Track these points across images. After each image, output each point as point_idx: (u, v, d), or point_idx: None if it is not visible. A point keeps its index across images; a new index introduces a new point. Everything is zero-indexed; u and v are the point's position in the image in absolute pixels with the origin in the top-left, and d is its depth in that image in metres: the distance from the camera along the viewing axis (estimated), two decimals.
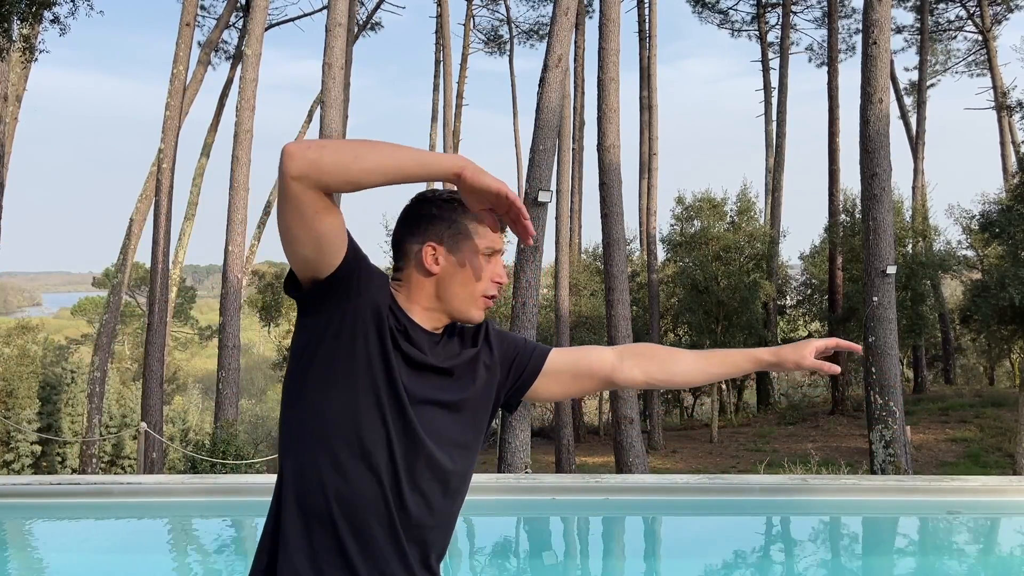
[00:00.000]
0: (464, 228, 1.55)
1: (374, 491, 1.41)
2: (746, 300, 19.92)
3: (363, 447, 1.41)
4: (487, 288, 1.53)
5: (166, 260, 16.23)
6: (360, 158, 1.27)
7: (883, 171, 12.40)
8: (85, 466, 16.50)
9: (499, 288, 1.55)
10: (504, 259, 1.67)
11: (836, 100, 22.40)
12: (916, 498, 5.35)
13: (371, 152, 1.29)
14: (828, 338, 1.69)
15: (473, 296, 1.53)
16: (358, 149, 1.28)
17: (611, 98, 14.09)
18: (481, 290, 1.53)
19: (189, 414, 22.92)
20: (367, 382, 1.40)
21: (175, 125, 16.37)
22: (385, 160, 1.29)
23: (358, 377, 1.40)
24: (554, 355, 1.68)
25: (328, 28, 13.53)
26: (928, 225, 22.58)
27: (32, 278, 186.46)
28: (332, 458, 1.41)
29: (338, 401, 1.40)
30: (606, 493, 5.31)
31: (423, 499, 1.46)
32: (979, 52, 28.23)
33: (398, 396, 1.42)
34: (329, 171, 1.26)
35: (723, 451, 18.14)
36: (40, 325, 29.51)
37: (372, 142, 1.30)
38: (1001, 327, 14.92)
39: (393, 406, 1.42)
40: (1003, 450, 15.42)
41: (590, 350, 1.70)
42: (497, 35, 31.93)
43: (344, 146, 1.28)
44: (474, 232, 1.56)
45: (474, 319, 1.54)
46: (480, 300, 1.53)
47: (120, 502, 5.32)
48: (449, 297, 1.52)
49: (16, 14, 9.96)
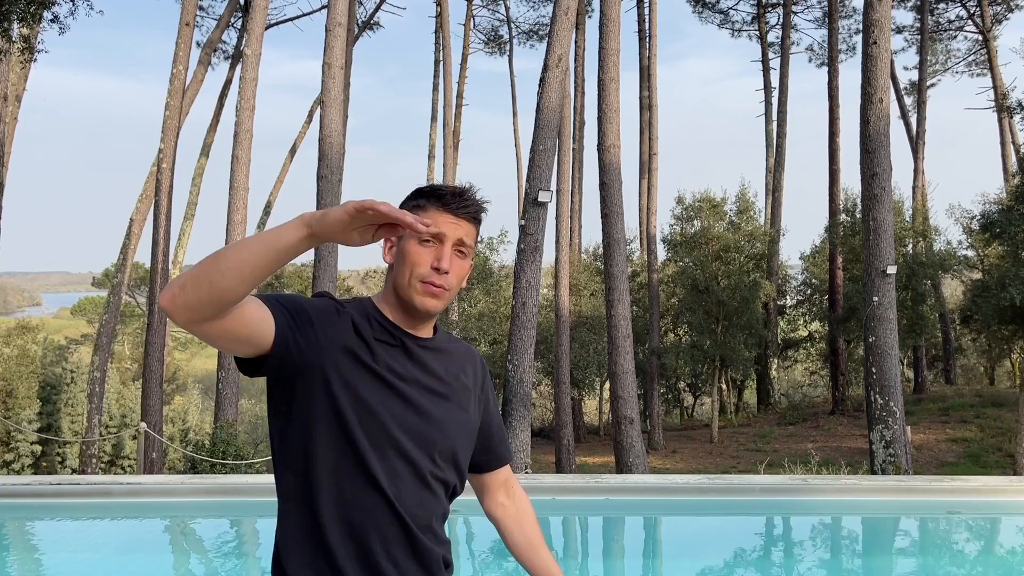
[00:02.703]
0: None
1: (374, 500, 1.50)
2: (746, 300, 19.92)
3: (362, 472, 1.49)
4: (426, 274, 1.52)
5: (166, 260, 16.22)
6: (215, 281, 1.26)
7: (883, 171, 12.39)
8: (85, 466, 16.48)
9: (440, 275, 1.52)
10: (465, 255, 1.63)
11: (836, 100, 22.39)
12: (916, 498, 5.35)
13: (219, 265, 1.26)
14: None
15: (410, 281, 1.53)
16: (208, 271, 1.26)
17: (611, 98, 14.08)
18: (418, 275, 1.52)
19: (189, 414, 22.92)
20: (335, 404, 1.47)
21: (175, 125, 16.35)
22: (236, 265, 1.26)
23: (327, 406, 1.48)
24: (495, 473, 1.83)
25: (328, 28, 13.52)
26: (928, 225, 22.58)
27: (32, 278, 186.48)
28: (332, 488, 1.51)
29: (320, 443, 1.50)
30: (606, 493, 5.30)
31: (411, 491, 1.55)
32: (979, 52, 28.22)
33: (359, 400, 1.49)
34: (201, 307, 1.27)
35: (723, 451, 18.13)
36: (40, 325, 29.51)
37: (217, 253, 1.29)
38: (1001, 327, 14.92)
39: (356, 411, 1.49)
40: (1003, 450, 15.41)
41: (499, 476, 1.83)
42: (497, 35, 31.93)
43: (197, 276, 1.27)
44: None
45: (418, 305, 1.53)
46: (417, 285, 1.53)
47: (120, 502, 5.33)
48: (395, 285, 1.57)
49: (16, 14, 9.94)
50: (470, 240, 1.59)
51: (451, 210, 1.55)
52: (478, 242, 1.74)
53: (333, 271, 13.07)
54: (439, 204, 1.56)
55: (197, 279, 1.26)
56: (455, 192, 1.58)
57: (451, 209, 1.55)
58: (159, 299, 1.31)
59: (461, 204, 1.56)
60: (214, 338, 1.34)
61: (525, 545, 1.77)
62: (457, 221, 1.55)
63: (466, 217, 1.57)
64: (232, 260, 1.26)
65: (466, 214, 1.56)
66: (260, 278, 1.29)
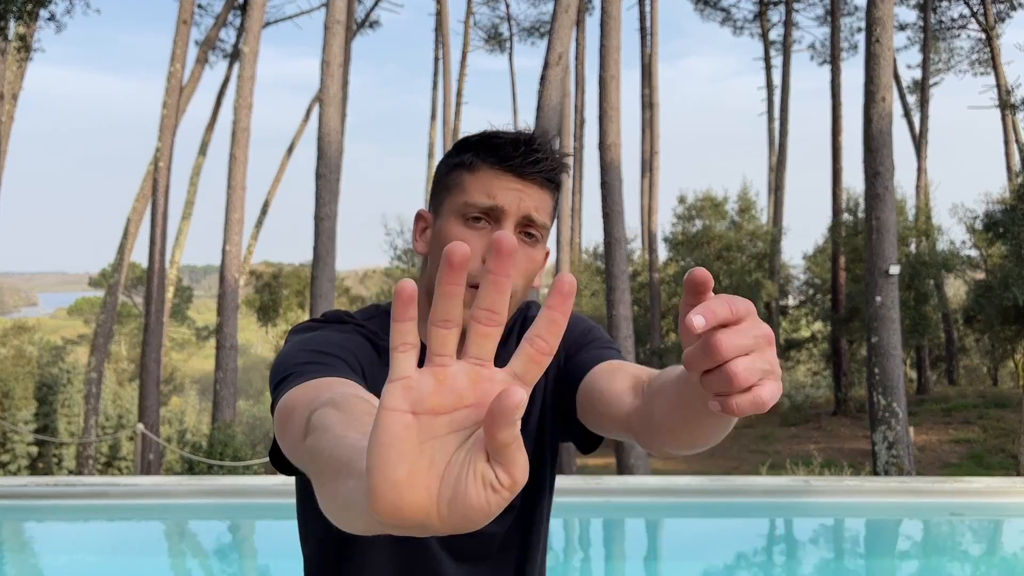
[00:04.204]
0: (450, 178, 1.09)
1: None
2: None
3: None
4: (473, 271, 0.99)
5: (163, 260, 16.16)
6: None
7: (886, 170, 12.33)
8: (82, 467, 16.44)
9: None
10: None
11: (839, 98, 22.33)
12: (919, 500, 5.32)
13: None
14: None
15: None
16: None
17: (612, 96, 14.02)
18: None
19: (186, 415, 22.88)
20: None
21: (172, 124, 16.30)
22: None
23: None
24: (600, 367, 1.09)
25: (326, 26, 13.48)
26: (931, 224, 22.51)
27: (28, 278, 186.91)
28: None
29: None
30: (607, 495, 5.26)
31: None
32: (982, 50, 28.16)
33: None
34: None
35: (725, 452, 18.09)
36: (36, 325, 29.55)
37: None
38: (1005, 327, 14.88)
39: None
40: (1007, 451, 15.34)
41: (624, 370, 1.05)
42: (497, 33, 31.89)
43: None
44: (457, 183, 1.07)
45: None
46: None
47: (117, 503, 5.31)
48: (429, 289, 1.08)
49: (12, 12, 9.89)
50: (543, 216, 1.07)
51: (513, 169, 1.05)
52: (555, 218, 1.14)
53: (332, 271, 13.02)
54: (495, 161, 1.05)
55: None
56: (519, 140, 1.06)
57: (513, 167, 1.04)
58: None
59: (529, 160, 1.05)
60: None
61: (661, 386, 0.91)
62: (523, 186, 1.05)
63: (537, 179, 1.06)
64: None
65: (537, 174, 1.05)
66: None
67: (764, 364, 0.64)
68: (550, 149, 1.08)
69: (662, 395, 0.87)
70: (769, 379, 0.65)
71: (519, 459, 0.48)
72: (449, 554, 1.14)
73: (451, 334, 0.51)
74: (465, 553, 1.15)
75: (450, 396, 0.50)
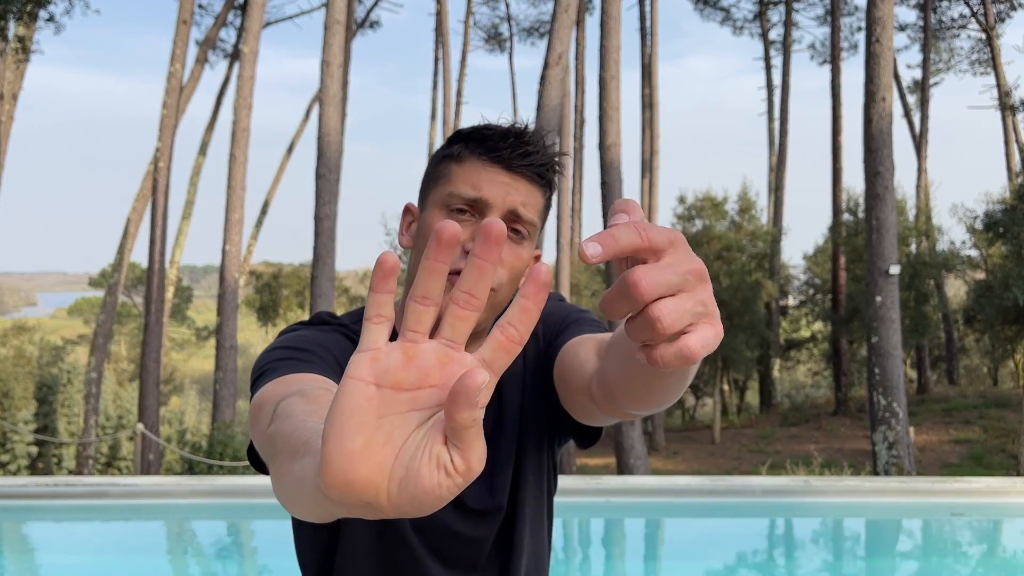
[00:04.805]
0: (438, 169, 1.07)
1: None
2: (748, 300, 19.86)
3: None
4: (458, 263, 0.97)
5: (163, 260, 16.15)
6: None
7: (886, 170, 12.32)
8: (81, 467, 16.44)
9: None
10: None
11: (839, 98, 22.32)
12: (919, 500, 5.31)
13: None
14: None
15: None
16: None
17: (612, 96, 14.01)
18: None
19: (186, 415, 22.90)
20: None
21: (172, 124, 16.28)
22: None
23: None
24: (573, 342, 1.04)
25: (326, 26, 13.47)
26: (932, 224, 22.50)
27: (28, 278, 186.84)
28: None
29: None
30: (607, 495, 5.25)
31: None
32: (982, 50, 28.15)
33: None
34: None
35: (725, 452, 18.08)
36: (36, 325, 29.53)
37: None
38: (1005, 327, 14.87)
39: None
40: (1007, 451, 15.33)
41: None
42: (497, 32, 31.88)
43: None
44: (444, 174, 1.05)
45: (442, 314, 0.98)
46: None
47: (117, 504, 5.32)
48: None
49: (12, 13, 9.89)
50: (531, 212, 1.02)
51: (501, 161, 1.02)
52: (545, 219, 1.10)
53: (331, 271, 13.01)
54: (483, 152, 1.02)
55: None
56: (508, 134, 1.03)
57: (501, 159, 1.02)
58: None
59: (518, 152, 1.02)
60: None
61: (613, 341, 0.84)
62: (511, 180, 1.01)
63: (525, 173, 1.02)
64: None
65: (526, 168, 1.02)
66: None
67: (695, 306, 0.53)
68: (542, 145, 1.04)
69: (614, 350, 0.80)
70: (702, 323, 0.54)
71: (477, 446, 0.47)
72: (438, 561, 1.11)
73: (428, 312, 0.49)
74: (453, 560, 1.12)
75: (416, 373, 0.49)
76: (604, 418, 0.94)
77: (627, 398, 0.81)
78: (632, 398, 0.80)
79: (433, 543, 1.10)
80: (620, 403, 0.83)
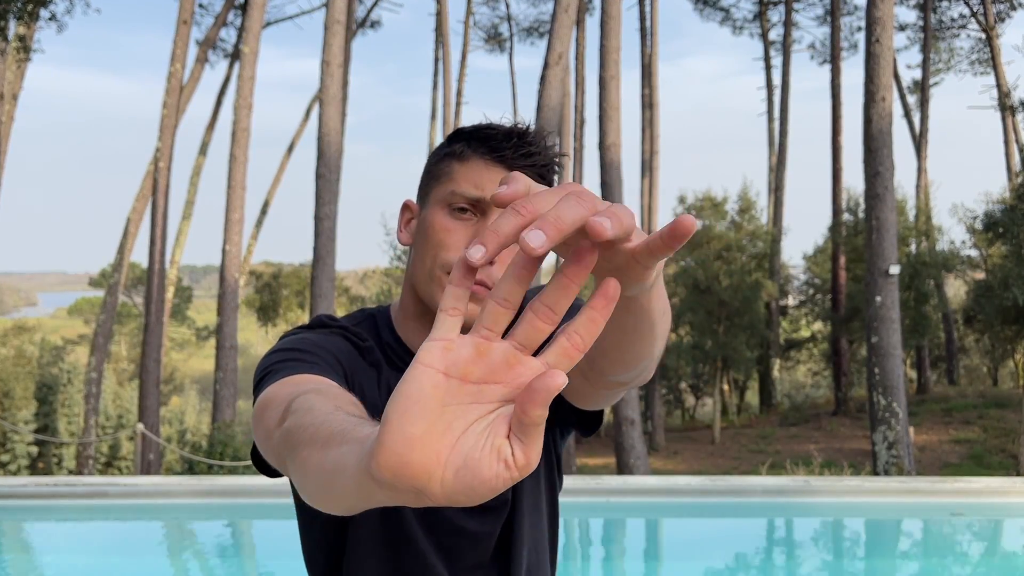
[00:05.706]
0: (439, 167, 1.06)
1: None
2: (748, 300, 19.86)
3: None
4: (452, 258, 0.99)
5: (163, 260, 16.15)
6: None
7: (886, 170, 12.32)
8: (82, 467, 16.44)
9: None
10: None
11: (839, 98, 22.32)
12: (919, 500, 5.32)
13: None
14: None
15: (432, 272, 1.02)
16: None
17: (612, 96, 14.01)
18: (445, 263, 1.00)
19: (186, 415, 22.90)
20: None
21: (172, 124, 16.29)
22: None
23: None
24: None
25: (327, 26, 13.47)
26: (931, 224, 22.50)
27: (28, 278, 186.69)
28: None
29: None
30: (607, 495, 5.25)
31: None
32: (982, 50, 28.15)
33: None
34: None
35: (725, 452, 18.07)
36: (36, 325, 29.55)
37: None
38: (1005, 327, 14.87)
39: None
40: (1007, 451, 15.34)
41: None
42: (497, 32, 31.87)
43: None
44: (446, 172, 1.04)
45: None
46: (440, 277, 1.01)
47: (117, 503, 5.33)
48: (414, 282, 1.06)
49: (12, 12, 9.89)
50: None
51: (504, 161, 1.02)
52: None
53: (331, 271, 13.01)
54: (486, 151, 1.02)
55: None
56: (512, 133, 1.04)
57: (504, 159, 1.02)
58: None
59: (521, 153, 1.02)
60: None
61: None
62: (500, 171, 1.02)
63: (528, 173, 1.00)
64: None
65: (528, 167, 1.02)
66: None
67: (586, 199, 0.53)
68: (544, 145, 1.04)
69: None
70: (608, 211, 0.53)
71: (538, 443, 0.49)
72: (446, 560, 1.12)
73: (505, 314, 0.51)
74: (460, 557, 1.13)
75: (484, 368, 0.50)
76: (596, 394, 0.95)
77: (606, 362, 0.83)
78: (610, 362, 0.82)
79: (442, 542, 1.11)
80: (603, 370, 0.85)
